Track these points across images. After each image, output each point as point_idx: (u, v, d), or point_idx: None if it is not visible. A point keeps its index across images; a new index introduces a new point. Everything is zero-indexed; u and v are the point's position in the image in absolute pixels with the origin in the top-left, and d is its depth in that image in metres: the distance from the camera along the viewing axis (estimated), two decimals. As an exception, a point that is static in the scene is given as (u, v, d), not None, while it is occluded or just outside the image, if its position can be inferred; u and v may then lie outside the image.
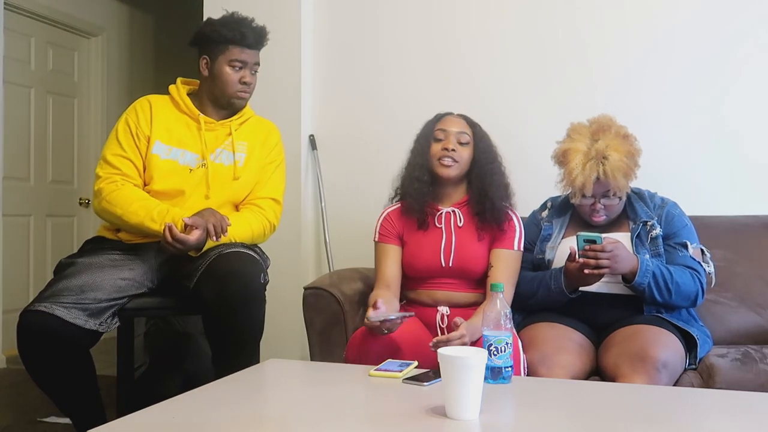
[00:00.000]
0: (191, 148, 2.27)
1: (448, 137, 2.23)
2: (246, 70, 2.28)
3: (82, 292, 2.03)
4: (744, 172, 2.84)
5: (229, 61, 2.26)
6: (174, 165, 2.25)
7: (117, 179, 2.20)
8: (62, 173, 4.75)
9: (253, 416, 1.45)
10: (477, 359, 1.39)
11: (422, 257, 2.23)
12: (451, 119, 2.29)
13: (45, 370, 2.03)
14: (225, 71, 2.26)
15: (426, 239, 2.25)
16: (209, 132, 2.30)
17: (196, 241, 2.09)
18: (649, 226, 2.24)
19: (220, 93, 2.29)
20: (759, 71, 2.84)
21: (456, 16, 3.17)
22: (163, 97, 2.34)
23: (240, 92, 2.29)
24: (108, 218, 2.22)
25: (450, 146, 2.21)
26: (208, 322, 2.12)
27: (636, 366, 1.91)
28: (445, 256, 2.21)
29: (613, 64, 2.98)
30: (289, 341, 3.11)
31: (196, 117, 2.30)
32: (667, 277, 2.10)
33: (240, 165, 2.31)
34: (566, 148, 2.23)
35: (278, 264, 2.58)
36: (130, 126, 2.26)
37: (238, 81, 2.27)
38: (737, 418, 1.45)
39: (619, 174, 2.15)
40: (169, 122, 2.28)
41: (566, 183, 2.23)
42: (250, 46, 2.28)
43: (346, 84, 3.32)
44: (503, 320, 1.68)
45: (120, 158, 2.22)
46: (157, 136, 2.25)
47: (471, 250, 2.21)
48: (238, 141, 2.32)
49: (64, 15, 4.67)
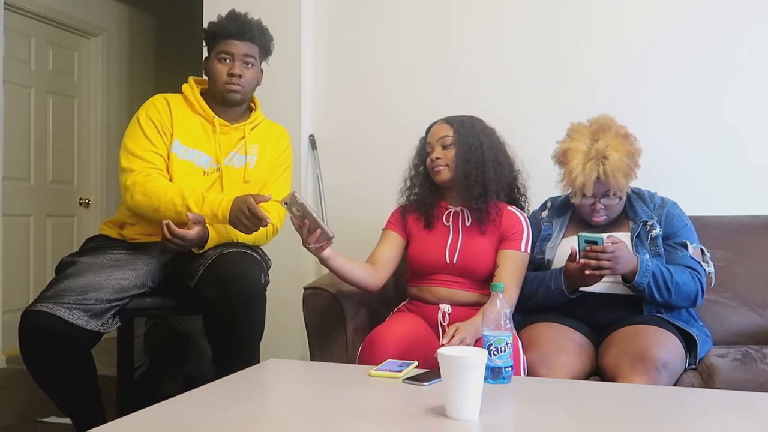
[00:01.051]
0: (206, 150, 2.27)
1: (433, 147, 2.28)
2: (235, 62, 2.25)
3: (84, 293, 2.03)
4: (744, 172, 2.84)
5: (217, 54, 2.26)
6: (190, 166, 2.24)
7: (151, 172, 2.18)
8: (62, 173, 4.75)
9: (253, 416, 1.45)
10: (477, 359, 1.39)
11: (428, 252, 2.26)
12: (435, 128, 2.32)
13: (46, 370, 2.03)
14: (214, 65, 2.27)
15: (433, 236, 2.29)
16: (223, 135, 2.30)
17: (195, 237, 2.09)
18: (649, 226, 2.24)
19: (213, 88, 2.29)
20: (759, 71, 2.84)
21: (455, 17, 3.17)
22: (177, 96, 2.33)
23: (228, 84, 2.25)
24: (146, 212, 2.18)
25: (434, 155, 2.26)
26: (209, 322, 2.12)
27: (636, 366, 1.91)
28: (450, 253, 2.23)
29: (613, 65, 2.98)
30: (289, 341, 3.11)
31: (211, 119, 2.29)
32: (666, 277, 2.10)
33: (251, 167, 2.31)
34: (566, 148, 2.23)
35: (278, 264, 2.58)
36: (153, 121, 2.23)
37: (226, 73, 2.25)
38: (737, 418, 1.45)
39: (619, 174, 2.15)
40: (186, 122, 2.27)
41: (566, 183, 2.23)
42: (234, 36, 2.25)
43: (346, 84, 3.32)
44: (503, 320, 1.68)
45: (150, 152, 2.20)
46: (177, 135, 2.24)
47: (477, 249, 2.23)
48: (250, 144, 2.32)
49: (64, 15, 4.67)
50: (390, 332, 2.04)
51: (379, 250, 2.34)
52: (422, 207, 2.32)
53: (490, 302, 1.73)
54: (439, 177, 2.26)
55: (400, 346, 1.97)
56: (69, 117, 4.84)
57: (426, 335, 2.14)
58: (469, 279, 2.23)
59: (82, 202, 4.89)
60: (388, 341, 1.99)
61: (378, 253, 2.33)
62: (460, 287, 2.22)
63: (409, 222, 2.35)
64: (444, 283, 2.24)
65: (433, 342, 2.10)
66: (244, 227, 2.12)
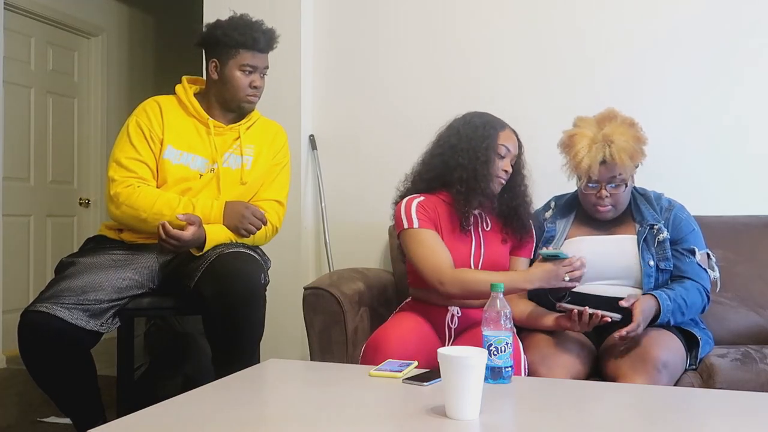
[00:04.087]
0: (201, 153, 2.26)
1: (508, 156, 2.19)
2: (256, 74, 2.27)
3: (84, 293, 2.03)
4: (745, 171, 2.84)
5: (240, 65, 2.24)
6: (185, 170, 2.24)
7: (133, 182, 2.17)
8: (62, 173, 4.75)
9: (253, 416, 1.45)
10: (477, 359, 1.39)
11: (454, 259, 2.13)
12: (511, 135, 2.22)
13: (46, 371, 2.03)
14: (236, 75, 2.24)
15: (457, 240, 2.18)
16: (218, 137, 2.29)
17: (191, 237, 2.09)
18: (656, 230, 2.20)
19: (230, 97, 2.28)
20: (761, 70, 2.84)
21: (456, 16, 3.17)
22: (170, 98, 2.32)
23: (250, 96, 2.28)
24: (131, 223, 2.18)
25: (509, 168, 2.18)
26: (208, 322, 2.12)
27: (637, 366, 1.91)
28: (475, 261, 2.19)
29: (615, 63, 2.97)
30: (289, 341, 3.11)
31: (205, 121, 2.28)
32: (682, 307, 2.09)
33: (247, 168, 2.30)
34: (572, 134, 2.21)
35: (278, 264, 2.57)
36: (142, 128, 2.22)
37: (249, 85, 2.26)
38: (737, 418, 1.45)
39: (625, 155, 2.12)
40: (179, 126, 2.26)
41: (572, 166, 2.20)
42: (262, 50, 2.26)
43: (346, 84, 3.31)
44: (503, 320, 1.68)
45: (135, 161, 2.19)
46: (169, 140, 2.23)
47: (498, 255, 2.22)
48: (246, 144, 2.31)
49: (64, 15, 4.67)
50: (394, 334, 2.01)
51: (445, 252, 2.11)
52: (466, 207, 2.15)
53: (490, 302, 1.72)
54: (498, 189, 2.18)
55: (404, 348, 1.94)
56: (69, 117, 4.84)
57: (429, 337, 2.11)
58: None
59: (82, 202, 4.89)
60: (393, 343, 1.96)
61: (446, 257, 2.11)
62: None
63: (440, 217, 2.18)
64: None
65: (436, 343, 2.09)
66: (246, 231, 2.14)
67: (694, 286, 2.14)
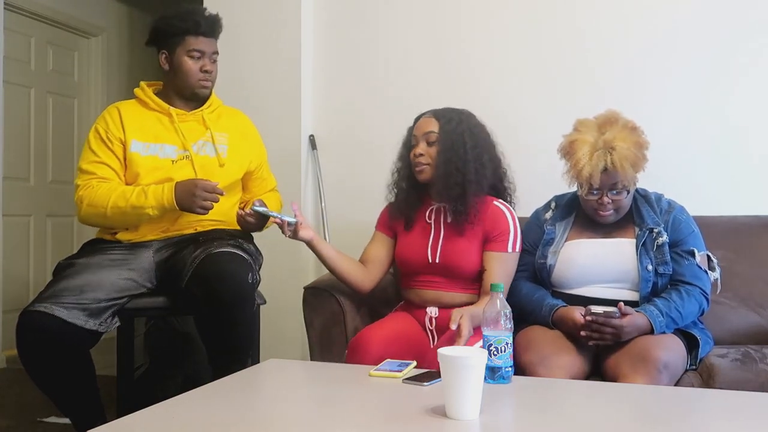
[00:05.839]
0: (169, 141, 2.29)
1: (417, 141, 2.22)
2: (205, 59, 2.30)
3: (82, 292, 2.03)
4: (745, 171, 2.84)
5: (187, 51, 2.28)
6: (155, 160, 2.26)
7: (93, 183, 2.21)
8: (62, 173, 4.74)
9: (252, 416, 1.45)
10: (477, 359, 1.39)
11: (411, 252, 2.25)
12: (422, 121, 2.25)
13: (45, 371, 2.03)
14: (185, 62, 2.28)
15: (415, 235, 2.26)
16: (183, 123, 2.31)
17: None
18: (655, 233, 2.19)
19: (182, 84, 2.31)
20: (761, 72, 2.84)
21: (457, 15, 3.17)
22: (130, 102, 2.37)
23: (202, 80, 2.31)
24: (97, 221, 2.22)
25: (418, 151, 2.20)
26: (199, 322, 2.13)
27: (637, 366, 1.91)
28: (432, 251, 2.20)
29: (616, 63, 2.97)
30: (289, 341, 3.11)
31: (166, 111, 2.31)
32: (677, 319, 2.09)
33: (224, 156, 2.34)
34: (573, 140, 2.18)
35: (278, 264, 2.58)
36: (99, 133, 2.28)
37: (199, 70, 2.29)
38: (737, 418, 1.45)
39: (626, 163, 2.10)
40: (141, 121, 2.30)
41: (573, 174, 2.17)
42: (206, 34, 2.30)
43: (346, 84, 3.31)
44: (503, 320, 1.68)
45: (95, 164, 2.24)
46: (132, 136, 2.26)
47: (459, 247, 2.18)
48: (217, 132, 2.34)
49: (64, 15, 4.66)
50: (375, 334, 2.03)
51: (369, 251, 2.35)
52: (403, 205, 2.29)
53: (490, 302, 1.72)
54: (421, 176, 2.21)
55: (384, 348, 1.96)
56: (69, 117, 4.83)
57: (417, 336, 2.12)
58: (454, 279, 2.18)
59: (82, 202, 4.88)
60: (373, 343, 1.98)
61: (367, 254, 2.34)
62: (446, 288, 2.19)
63: (395, 221, 2.33)
64: (430, 284, 2.21)
65: (424, 343, 2.09)
66: (201, 209, 2.12)
67: (692, 291, 2.14)
